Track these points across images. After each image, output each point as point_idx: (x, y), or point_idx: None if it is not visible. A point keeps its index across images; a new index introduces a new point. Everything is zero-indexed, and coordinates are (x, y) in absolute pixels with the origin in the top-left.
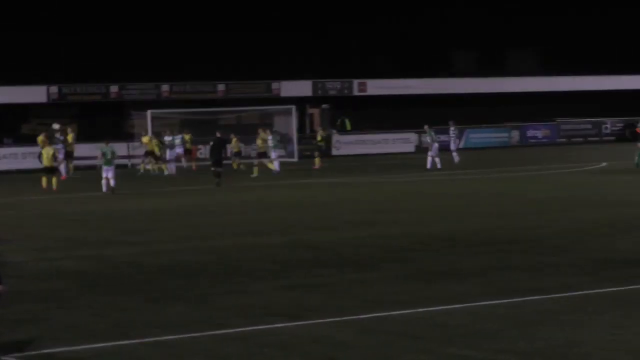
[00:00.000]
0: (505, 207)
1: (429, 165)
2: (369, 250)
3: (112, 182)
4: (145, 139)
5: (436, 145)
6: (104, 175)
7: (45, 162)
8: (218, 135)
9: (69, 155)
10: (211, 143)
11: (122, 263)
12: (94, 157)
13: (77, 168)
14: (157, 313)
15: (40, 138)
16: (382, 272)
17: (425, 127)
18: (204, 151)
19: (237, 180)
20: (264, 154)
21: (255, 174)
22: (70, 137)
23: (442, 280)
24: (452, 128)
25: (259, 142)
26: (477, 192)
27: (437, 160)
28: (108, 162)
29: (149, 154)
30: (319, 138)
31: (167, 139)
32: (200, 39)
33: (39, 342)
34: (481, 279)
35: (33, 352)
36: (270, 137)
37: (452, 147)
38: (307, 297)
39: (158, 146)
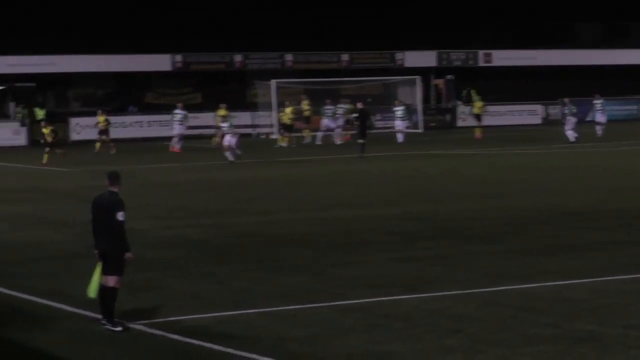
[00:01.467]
0: (630, 181)
1: (572, 139)
2: (489, 223)
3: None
4: (288, 110)
5: (574, 119)
6: (226, 143)
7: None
8: (361, 106)
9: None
10: (356, 114)
11: (242, 232)
12: (214, 127)
13: (200, 137)
14: (277, 283)
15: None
16: (502, 245)
17: (566, 99)
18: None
19: (345, 152)
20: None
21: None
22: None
23: (562, 254)
24: (598, 101)
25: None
26: (602, 165)
27: (569, 133)
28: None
29: (288, 128)
30: (479, 105)
31: (329, 108)
32: (325, 10)
33: (163, 310)
34: (603, 253)
35: (158, 320)
36: (400, 108)
37: (600, 119)
38: (427, 270)
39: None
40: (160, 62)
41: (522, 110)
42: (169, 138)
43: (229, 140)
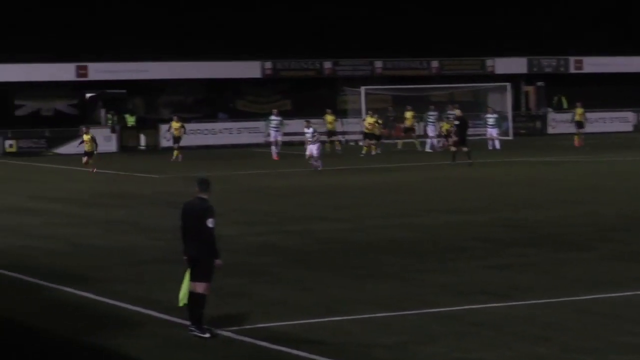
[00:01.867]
0: None
1: None
2: (580, 230)
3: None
4: (369, 120)
5: None
6: (307, 152)
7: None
8: (460, 113)
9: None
10: (457, 122)
11: (329, 239)
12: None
13: (290, 143)
14: (365, 290)
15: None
16: (594, 253)
17: None
18: (417, 128)
19: (434, 159)
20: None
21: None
22: (329, 118)
23: None
24: None
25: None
26: None
27: None
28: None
29: (370, 136)
30: (580, 112)
31: (432, 114)
32: (415, 17)
33: (251, 316)
34: None
35: (246, 326)
36: (493, 116)
37: None
38: (518, 277)
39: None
40: (250, 69)
41: (613, 117)
42: (259, 145)
43: (310, 149)
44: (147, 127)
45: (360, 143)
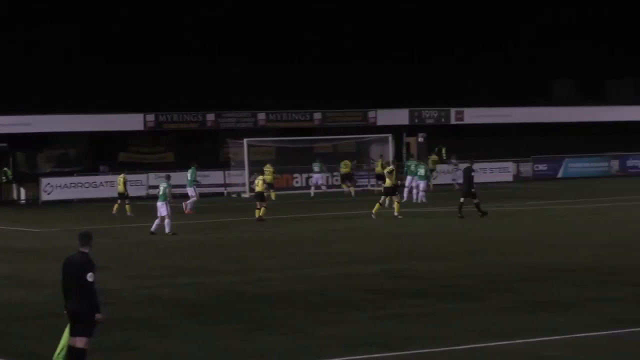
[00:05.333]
0: (609, 238)
1: None
2: (471, 281)
3: (166, 224)
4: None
5: None
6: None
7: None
8: (467, 164)
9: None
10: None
11: (219, 291)
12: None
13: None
14: (253, 342)
15: None
16: (483, 303)
17: None
18: (299, 180)
19: (344, 209)
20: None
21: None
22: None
23: (543, 312)
24: None
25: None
26: (582, 222)
27: None
28: (161, 197)
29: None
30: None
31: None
32: (296, 68)
33: None
34: (583, 310)
35: None
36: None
37: None
38: (404, 328)
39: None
40: (132, 122)
41: (493, 167)
42: (141, 197)
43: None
44: (28, 181)
45: (245, 195)
